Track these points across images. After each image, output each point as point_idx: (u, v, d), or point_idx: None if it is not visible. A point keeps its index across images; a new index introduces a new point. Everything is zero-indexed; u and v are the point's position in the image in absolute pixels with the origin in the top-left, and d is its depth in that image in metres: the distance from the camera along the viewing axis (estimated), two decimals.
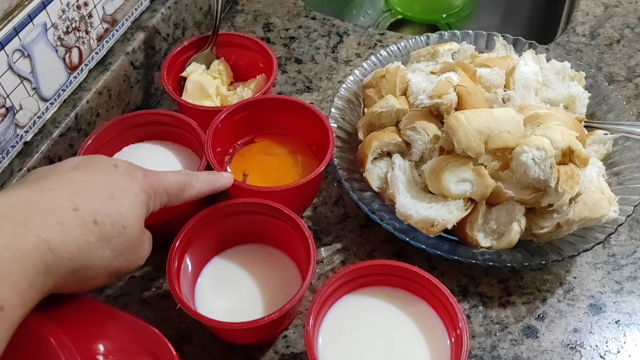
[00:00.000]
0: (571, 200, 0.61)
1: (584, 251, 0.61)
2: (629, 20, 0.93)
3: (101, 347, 0.45)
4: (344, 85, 0.76)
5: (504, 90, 0.69)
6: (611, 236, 0.62)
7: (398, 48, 0.80)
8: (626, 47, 0.89)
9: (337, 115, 0.73)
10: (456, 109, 0.64)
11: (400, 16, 1.23)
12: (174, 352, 0.46)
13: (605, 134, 0.69)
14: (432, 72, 0.73)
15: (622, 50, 0.88)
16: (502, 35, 0.79)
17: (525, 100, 0.69)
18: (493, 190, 0.61)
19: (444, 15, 1.22)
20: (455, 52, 0.77)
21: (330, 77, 0.86)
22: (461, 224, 0.62)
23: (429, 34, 0.81)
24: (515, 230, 0.61)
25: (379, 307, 0.57)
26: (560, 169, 0.60)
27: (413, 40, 0.81)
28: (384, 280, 0.57)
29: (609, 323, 0.62)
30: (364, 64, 0.78)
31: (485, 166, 0.62)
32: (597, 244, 0.61)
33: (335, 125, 0.72)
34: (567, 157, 0.60)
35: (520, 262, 0.60)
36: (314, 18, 0.94)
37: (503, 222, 0.62)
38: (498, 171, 0.63)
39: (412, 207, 0.62)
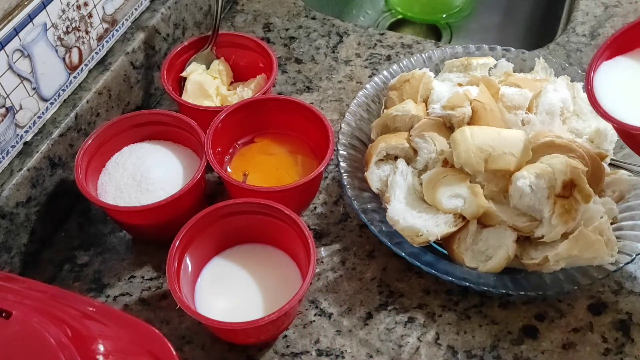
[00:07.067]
0: (564, 235, 0.58)
1: (566, 293, 0.60)
2: (629, 20, 0.92)
3: (101, 347, 0.44)
4: (367, 85, 0.74)
5: (526, 113, 0.67)
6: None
7: (430, 56, 0.77)
8: None
9: (356, 113, 0.72)
10: (469, 124, 0.63)
11: (400, 16, 1.23)
12: (174, 352, 0.46)
13: (630, 176, 0.65)
14: (460, 84, 0.71)
15: None
16: (490, 47, 0.77)
17: (546, 126, 0.66)
18: (486, 212, 0.60)
19: (444, 15, 1.22)
20: (492, 68, 0.74)
21: (330, 77, 0.85)
22: (449, 240, 0.61)
23: (468, 45, 0.78)
24: (502, 256, 0.59)
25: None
26: (557, 201, 0.57)
27: (451, 49, 0.78)
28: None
29: (609, 323, 0.62)
30: (394, 65, 0.76)
31: (483, 186, 0.61)
32: (578, 288, 0.59)
33: (354, 124, 0.71)
34: (569, 190, 0.58)
35: (490, 287, 0.58)
36: (314, 18, 0.94)
37: (492, 245, 0.61)
38: (499, 193, 0.61)
39: (401, 214, 0.62)
